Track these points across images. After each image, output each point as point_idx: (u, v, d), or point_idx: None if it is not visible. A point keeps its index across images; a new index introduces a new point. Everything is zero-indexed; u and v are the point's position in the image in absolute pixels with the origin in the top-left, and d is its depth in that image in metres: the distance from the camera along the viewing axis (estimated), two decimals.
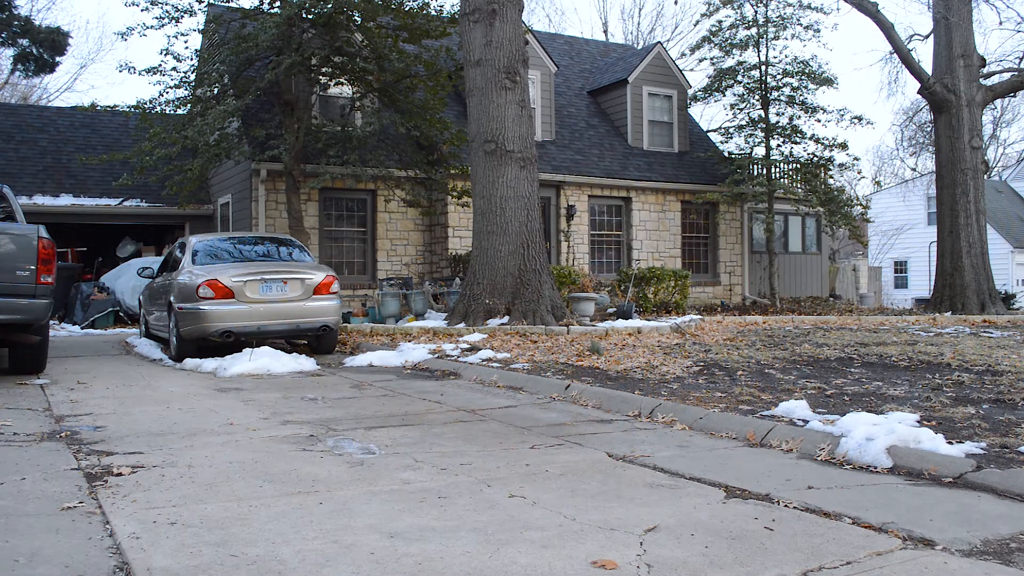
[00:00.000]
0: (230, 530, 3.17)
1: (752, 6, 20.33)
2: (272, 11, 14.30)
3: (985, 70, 20.60)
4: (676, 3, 53.22)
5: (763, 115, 20.09)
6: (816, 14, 22.77)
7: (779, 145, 20.31)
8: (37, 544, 2.99)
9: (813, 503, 3.59)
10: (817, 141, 20.10)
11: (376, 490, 3.80)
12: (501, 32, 11.79)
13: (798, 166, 20.46)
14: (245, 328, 9.48)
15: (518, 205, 11.76)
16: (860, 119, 20.32)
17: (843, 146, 20.03)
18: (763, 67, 20.02)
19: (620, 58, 22.64)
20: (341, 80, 15.11)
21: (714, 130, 22.44)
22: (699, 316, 14.98)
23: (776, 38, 20.14)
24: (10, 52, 27.16)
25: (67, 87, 53.81)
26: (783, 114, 20.22)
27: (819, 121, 26.29)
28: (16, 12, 25.43)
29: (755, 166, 20.02)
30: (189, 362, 9.22)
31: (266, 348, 9.25)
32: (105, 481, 3.95)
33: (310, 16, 14.00)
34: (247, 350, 9.05)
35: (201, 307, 9.34)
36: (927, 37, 20.99)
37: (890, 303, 30.07)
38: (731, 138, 20.90)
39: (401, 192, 15.87)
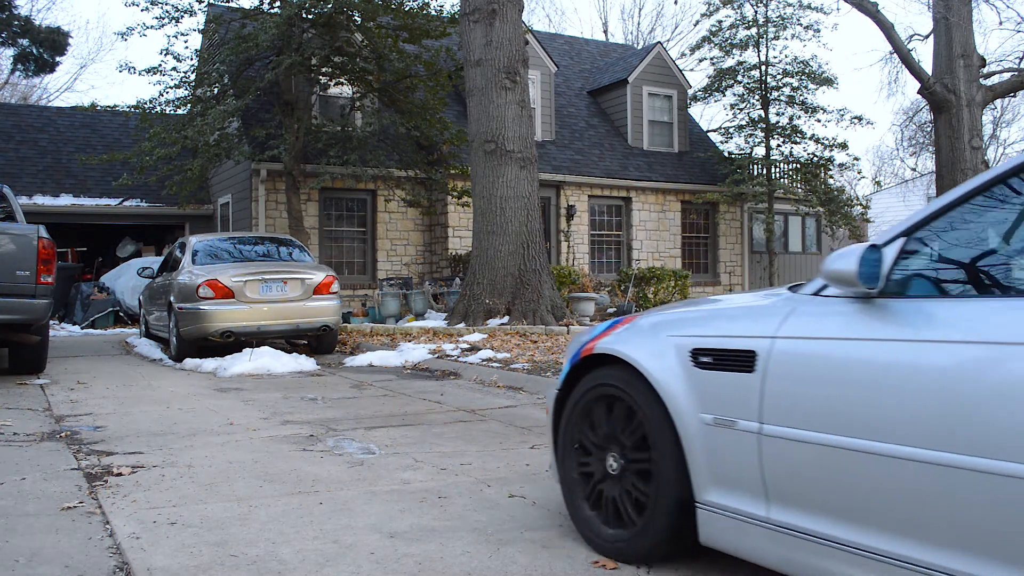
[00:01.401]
0: (230, 530, 3.17)
1: (752, 6, 20.34)
2: (272, 11, 14.31)
3: (985, 70, 20.59)
4: (676, 3, 53.24)
5: (763, 115, 20.10)
6: (816, 14, 22.80)
7: (779, 145, 20.32)
8: (37, 544, 2.99)
9: None
10: (817, 141, 20.11)
11: (376, 490, 3.80)
12: (501, 32, 11.79)
13: (798, 166, 20.47)
14: (245, 328, 9.49)
15: (518, 205, 11.76)
16: (860, 119, 20.33)
17: (843, 146, 20.04)
18: (763, 67, 20.03)
19: (620, 58, 22.65)
20: (341, 80, 15.11)
21: (714, 130, 22.45)
22: None
23: (776, 38, 20.15)
24: (10, 52, 27.18)
25: (67, 87, 53.83)
26: (783, 114, 20.23)
27: (819, 121, 26.32)
28: (16, 12, 25.44)
29: (755, 166, 20.02)
30: (189, 362, 9.22)
31: (266, 348, 9.25)
32: (105, 481, 3.95)
33: (310, 16, 14.00)
34: (247, 350, 9.06)
35: (201, 307, 9.35)
36: (927, 37, 20.99)
37: None
38: (731, 138, 20.91)
39: (401, 192, 15.88)
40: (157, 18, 14.06)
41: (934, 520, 2.01)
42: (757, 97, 20.17)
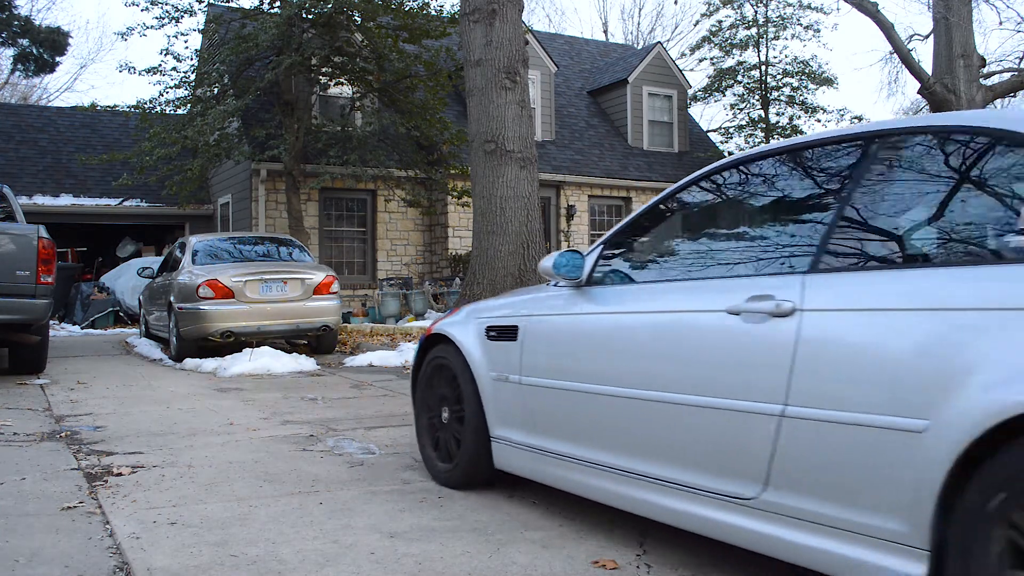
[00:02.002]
0: (230, 530, 3.17)
1: (752, 6, 20.38)
2: (272, 11, 14.30)
3: (985, 70, 20.59)
4: (676, 3, 53.24)
5: (763, 115, 20.13)
6: (816, 14, 22.83)
7: None
8: (37, 544, 2.99)
9: None
10: None
11: (376, 490, 3.80)
12: (501, 32, 11.78)
13: None
14: (245, 328, 9.49)
15: (518, 205, 11.75)
16: (860, 119, 20.36)
17: None
18: (763, 67, 20.06)
19: (620, 58, 22.64)
20: (341, 80, 15.10)
21: (714, 130, 22.45)
22: None
23: (776, 38, 20.20)
24: (10, 52, 27.19)
25: (67, 87, 53.84)
26: (783, 114, 20.28)
27: (819, 121, 26.31)
28: (16, 12, 25.45)
29: None
30: (189, 362, 9.22)
31: (266, 348, 9.25)
32: (105, 481, 3.95)
33: (310, 16, 14.00)
34: (247, 350, 9.06)
35: (201, 307, 9.35)
36: (927, 37, 20.99)
37: None
38: (731, 138, 20.95)
39: (401, 192, 15.87)
40: (157, 18, 14.05)
41: (618, 436, 2.86)
42: (757, 97, 20.21)
